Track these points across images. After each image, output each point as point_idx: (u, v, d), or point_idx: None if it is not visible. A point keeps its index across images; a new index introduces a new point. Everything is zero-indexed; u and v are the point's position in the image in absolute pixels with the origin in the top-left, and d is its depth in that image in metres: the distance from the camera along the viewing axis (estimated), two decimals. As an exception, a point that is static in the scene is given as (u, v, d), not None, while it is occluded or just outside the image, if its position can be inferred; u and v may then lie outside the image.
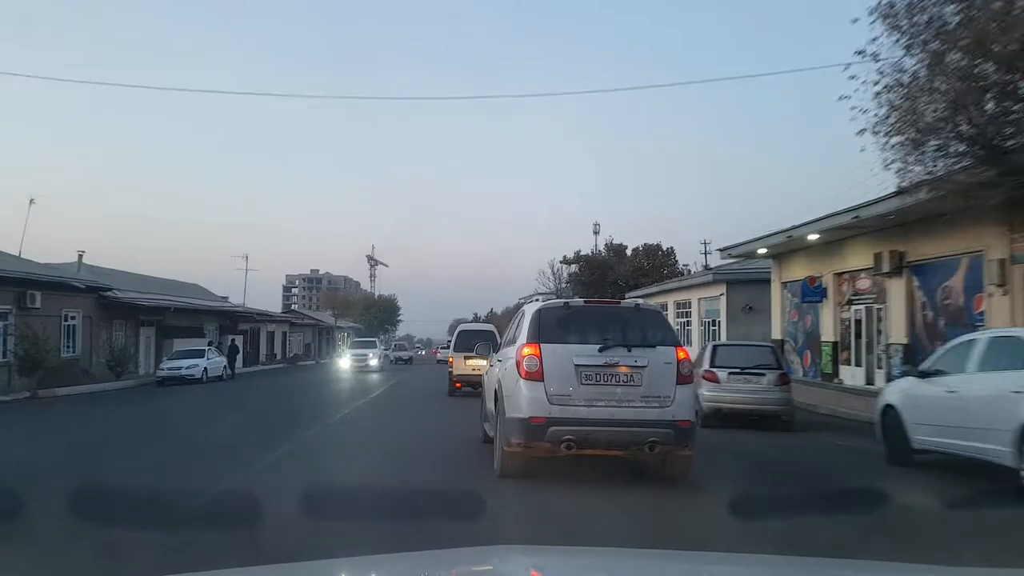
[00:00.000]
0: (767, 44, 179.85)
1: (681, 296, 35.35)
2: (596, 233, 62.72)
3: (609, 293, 54.29)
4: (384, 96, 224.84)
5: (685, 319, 35.09)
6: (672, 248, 54.86)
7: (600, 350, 7.10)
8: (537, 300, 9.92)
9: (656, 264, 53.82)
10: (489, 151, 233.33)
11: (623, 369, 7.03)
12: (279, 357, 55.89)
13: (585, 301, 8.69)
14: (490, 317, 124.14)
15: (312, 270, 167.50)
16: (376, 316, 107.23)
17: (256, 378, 32.60)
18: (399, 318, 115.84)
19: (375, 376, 30.67)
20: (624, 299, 45.46)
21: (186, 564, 4.29)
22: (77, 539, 5.31)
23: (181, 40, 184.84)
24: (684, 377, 7.16)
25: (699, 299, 32.63)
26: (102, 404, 19.86)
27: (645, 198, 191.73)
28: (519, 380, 7.13)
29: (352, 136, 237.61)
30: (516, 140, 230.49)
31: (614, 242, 55.48)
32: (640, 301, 9.02)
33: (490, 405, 8.75)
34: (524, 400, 7.05)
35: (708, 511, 6.58)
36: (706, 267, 36.10)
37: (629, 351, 7.12)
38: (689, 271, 51.39)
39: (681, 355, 7.25)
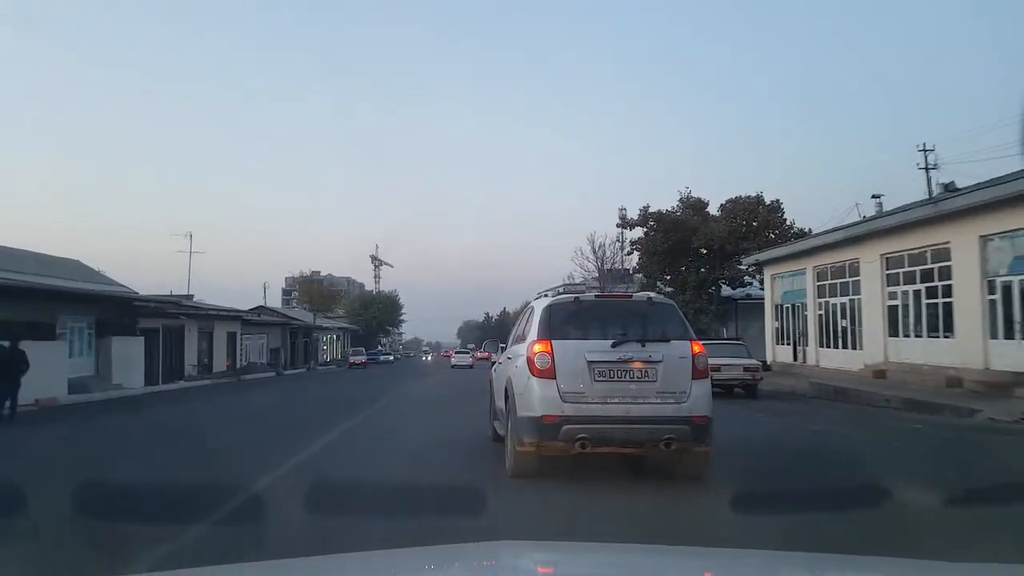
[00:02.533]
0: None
1: (914, 240, 18.51)
2: (622, 219, 46.82)
3: (690, 265, 38.00)
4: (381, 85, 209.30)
5: (921, 284, 18.32)
6: (779, 201, 38.04)
7: (613, 345, 6.83)
8: (546, 296, 8.78)
9: (761, 223, 37.16)
10: (497, 136, 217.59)
11: (637, 365, 6.77)
12: (227, 368, 39.54)
13: (596, 295, 8.53)
14: (503, 316, 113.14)
15: (313, 271, 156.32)
16: (375, 315, 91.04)
17: (61, 422, 15.17)
18: (402, 317, 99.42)
19: None
20: (740, 265, 29.74)
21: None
22: None
23: (165, 34, 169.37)
24: (699, 372, 6.88)
25: (982, 238, 15.90)
26: None
27: (707, 152, 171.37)
28: (530, 378, 6.86)
29: (354, 135, 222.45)
30: (527, 117, 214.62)
31: (691, 195, 38.73)
32: (653, 294, 8.01)
33: (500, 403, 8.38)
34: (536, 399, 6.78)
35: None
36: (948, 187, 19.03)
37: (643, 346, 6.85)
38: (809, 231, 34.88)
39: (696, 349, 6.94)
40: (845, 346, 22.06)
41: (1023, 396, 13.79)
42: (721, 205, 38.38)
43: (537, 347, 6.89)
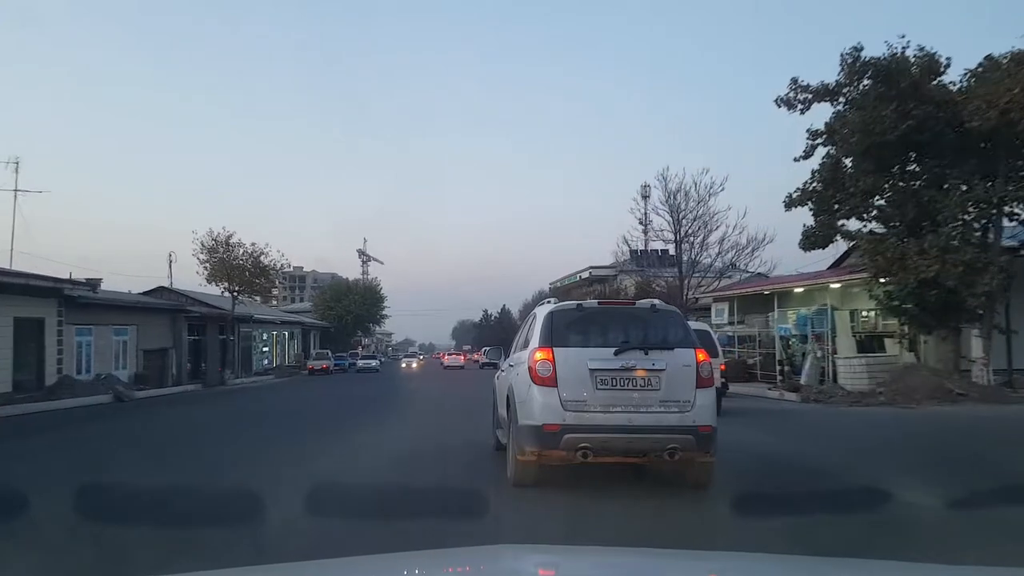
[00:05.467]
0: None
1: None
2: (646, 197, 36.56)
3: (942, 174, 18.24)
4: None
5: None
6: None
7: (616, 353, 6.67)
8: (549, 303, 8.08)
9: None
10: (497, 118, 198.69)
11: (640, 373, 6.63)
12: (13, 385, 20.21)
13: (599, 302, 8.59)
14: (503, 315, 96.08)
15: (295, 267, 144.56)
16: (349, 309, 71.35)
17: None
18: (384, 311, 79.56)
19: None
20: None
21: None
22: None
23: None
24: (704, 380, 6.72)
25: None
26: None
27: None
28: (532, 386, 6.72)
29: (343, 117, 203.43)
30: (533, 87, 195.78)
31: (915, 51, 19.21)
32: (656, 301, 7.76)
33: (502, 411, 8.23)
34: (537, 407, 6.63)
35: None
36: None
37: (646, 354, 6.70)
38: None
39: (700, 357, 6.78)
40: None
41: None
42: (969, 72, 19.05)
43: (538, 355, 6.78)
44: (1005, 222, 18.25)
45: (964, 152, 17.64)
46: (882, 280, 18.86)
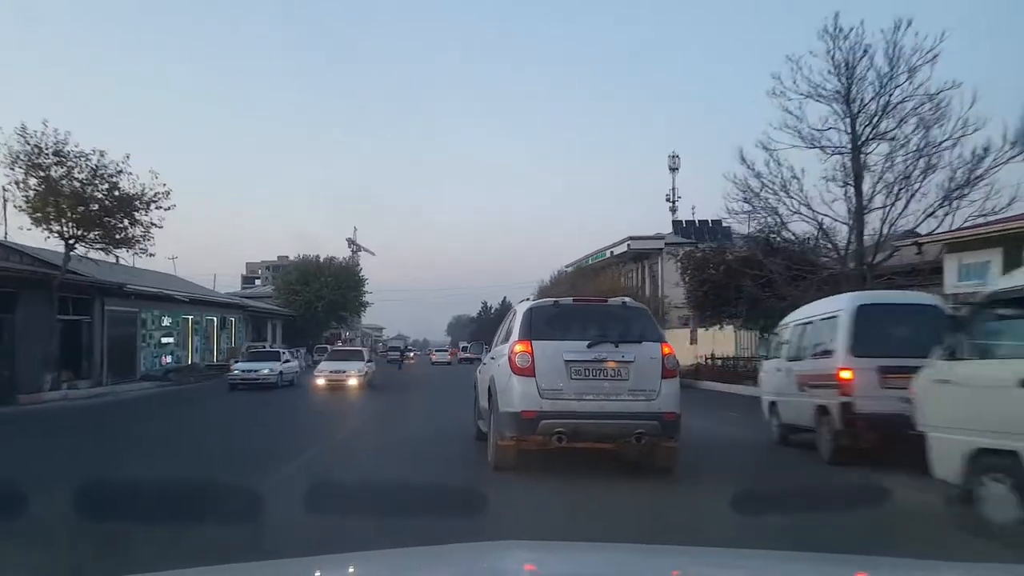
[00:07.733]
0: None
1: None
2: (675, 169, 38.57)
3: None
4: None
5: None
6: None
7: (589, 346, 7.38)
8: (528, 300, 9.86)
9: None
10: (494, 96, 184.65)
11: (611, 364, 7.30)
12: None
13: (574, 300, 8.92)
14: (503, 308, 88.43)
15: (280, 256, 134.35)
16: (320, 293, 56.26)
17: None
18: (365, 297, 64.28)
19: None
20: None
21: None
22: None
23: None
24: (669, 371, 7.43)
25: None
26: None
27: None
28: (511, 376, 7.36)
29: (329, 98, 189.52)
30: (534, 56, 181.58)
31: None
32: (627, 299, 8.56)
33: (483, 402, 8.83)
34: (516, 395, 7.30)
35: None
36: None
37: (616, 347, 7.39)
38: None
39: (666, 350, 7.50)
40: None
41: None
42: None
43: (518, 347, 7.38)
44: None
45: None
46: None
